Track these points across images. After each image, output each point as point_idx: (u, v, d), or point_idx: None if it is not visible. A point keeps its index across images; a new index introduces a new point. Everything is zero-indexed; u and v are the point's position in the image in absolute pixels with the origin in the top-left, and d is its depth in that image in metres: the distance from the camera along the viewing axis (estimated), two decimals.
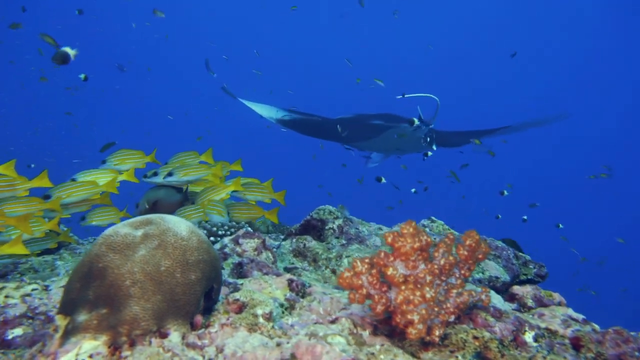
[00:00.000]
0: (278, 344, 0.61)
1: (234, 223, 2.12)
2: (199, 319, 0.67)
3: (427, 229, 2.35)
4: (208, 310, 0.74)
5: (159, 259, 0.65)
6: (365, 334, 0.66)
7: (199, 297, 0.67)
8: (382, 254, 0.68)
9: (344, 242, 2.27)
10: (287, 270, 1.48)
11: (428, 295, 0.60)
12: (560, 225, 3.42)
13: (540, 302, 0.97)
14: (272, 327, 0.66)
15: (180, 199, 2.18)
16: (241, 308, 0.69)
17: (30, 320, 0.89)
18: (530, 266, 1.89)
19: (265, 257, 1.34)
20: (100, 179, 1.99)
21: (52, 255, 2.16)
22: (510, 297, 1.00)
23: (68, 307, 0.64)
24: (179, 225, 0.70)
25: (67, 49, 1.88)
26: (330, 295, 0.89)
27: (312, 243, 1.80)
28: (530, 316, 0.84)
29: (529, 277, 1.82)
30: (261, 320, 0.65)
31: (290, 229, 2.41)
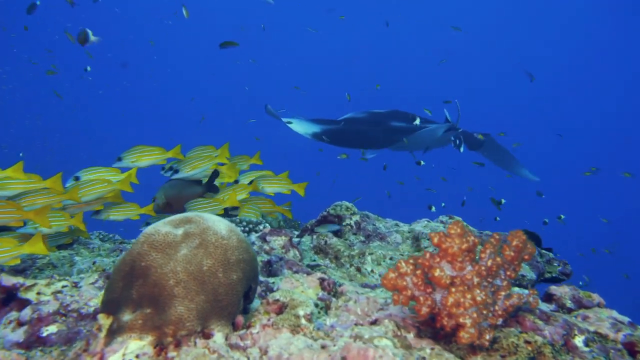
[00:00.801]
0: (323, 346, 0.61)
1: (252, 219, 2.13)
2: (240, 319, 0.68)
3: (445, 225, 2.33)
4: (245, 310, 0.75)
5: (201, 258, 0.65)
6: (410, 336, 0.66)
7: (240, 297, 0.67)
8: (428, 255, 0.67)
9: (362, 238, 2.27)
10: (311, 267, 1.48)
11: (479, 298, 0.59)
12: (562, 216, 3.42)
13: (580, 303, 0.95)
14: (314, 328, 0.66)
15: (201, 191, 2.19)
16: (281, 308, 0.69)
17: (64, 318, 0.91)
18: (555, 264, 1.86)
19: (293, 255, 1.34)
20: (105, 177, 1.99)
21: (67, 250, 2.20)
22: (547, 298, 0.99)
23: (111, 306, 0.65)
24: (219, 224, 0.71)
25: (91, 33, 1.96)
26: (364, 294, 0.89)
27: (333, 240, 1.80)
28: (573, 318, 0.83)
29: (554, 275, 1.80)
30: (303, 321, 0.65)
31: (305, 224, 2.42)
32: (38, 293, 0.95)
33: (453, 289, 0.60)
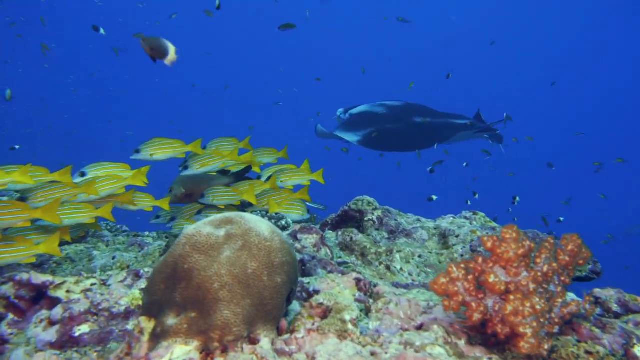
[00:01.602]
0: (373, 354, 0.61)
1: (272, 214, 2.13)
2: (284, 323, 0.67)
3: (470, 222, 2.31)
4: (285, 313, 0.74)
5: (245, 260, 0.64)
6: (461, 343, 0.64)
7: (285, 301, 0.67)
8: (480, 260, 0.65)
9: (385, 234, 2.26)
10: (339, 265, 1.47)
11: (538, 307, 0.58)
12: (561, 219, 3.43)
13: (626, 307, 0.93)
14: (360, 333, 0.65)
15: (227, 183, 2.18)
16: (325, 312, 0.69)
17: (95, 317, 0.91)
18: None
19: (325, 254, 1.33)
20: (115, 173, 1.98)
21: (83, 244, 2.22)
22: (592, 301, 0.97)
23: (153, 308, 0.65)
24: (260, 225, 0.70)
25: (170, 46, 1.54)
26: (403, 296, 0.88)
27: (359, 236, 1.79)
28: (624, 324, 0.81)
29: (584, 274, 1.77)
30: (350, 326, 0.65)
31: (325, 219, 2.41)
32: (67, 291, 0.96)
33: (511, 297, 0.58)
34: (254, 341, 0.61)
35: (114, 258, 2.00)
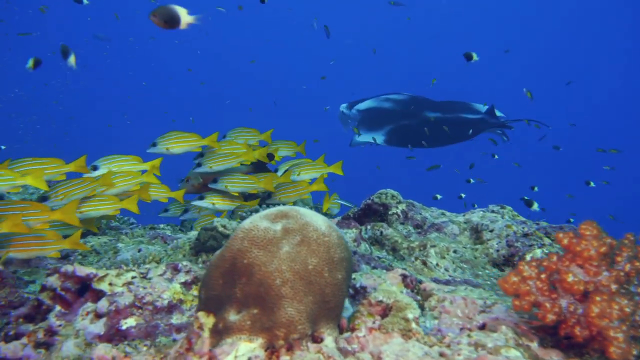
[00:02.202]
0: (442, 354, 0.59)
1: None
2: (343, 321, 0.66)
3: (499, 215, 2.26)
4: None
5: (305, 256, 0.63)
6: (534, 345, 0.62)
7: (345, 298, 0.65)
8: (555, 258, 0.62)
9: (410, 228, 2.23)
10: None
11: (628, 309, 0.55)
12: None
13: None
14: (425, 333, 0.64)
15: (246, 172, 2.18)
16: (385, 310, 0.67)
17: (140, 311, 0.92)
18: None
19: (364, 249, 1.32)
20: (124, 166, 1.97)
21: (107, 236, 2.25)
22: None
23: (211, 303, 0.64)
24: (317, 219, 0.68)
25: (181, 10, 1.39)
26: (453, 293, 0.85)
27: (388, 231, 1.77)
28: None
29: None
30: (414, 325, 0.63)
31: (347, 213, 2.39)
32: (110, 284, 0.96)
33: (597, 298, 0.56)
34: (317, 339, 0.60)
35: (139, 250, 2.02)
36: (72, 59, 1.84)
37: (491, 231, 1.87)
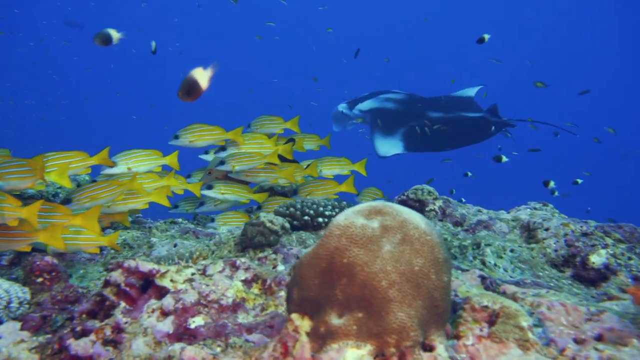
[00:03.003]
0: None
1: (315, 200, 2.08)
2: (448, 328, 0.62)
3: (541, 212, 2.18)
4: None
5: (409, 256, 0.59)
6: None
7: (451, 302, 0.61)
8: None
9: (449, 225, 2.16)
10: None
11: None
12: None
13: None
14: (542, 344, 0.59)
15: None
16: (490, 317, 0.62)
17: (206, 309, 0.90)
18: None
19: None
20: (144, 162, 1.95)
21: (137, 230, 2.25)
22: None
23: (306, 305, 0.61)
24: (414, 216, 0.64)
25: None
26: (549, 297, 0.80)
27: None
28: None
29: None
30: (530, 335, 0.58)
31: None
32: (172, 280, 0.95)
33: None
34: (429, 348, 0.56)
35: (175, 245, 2.02)
36: (114, 36, 1.88)
37: (546, 229, 1.79)
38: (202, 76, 1.38)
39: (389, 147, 3.90)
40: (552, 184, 3.30)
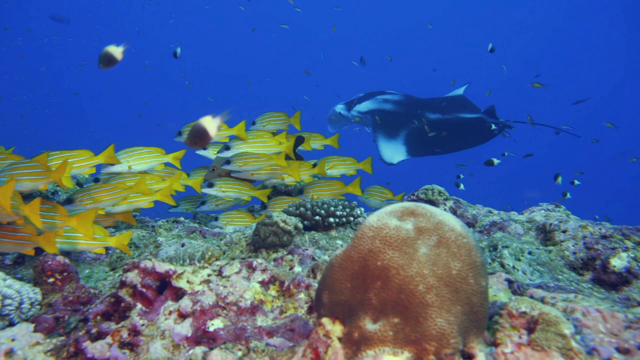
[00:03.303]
0: None
1: (342, 201, 2.05)
2: (486, 335, 0.59)
3: (556, 214, 2.15)
4: None
5: (446, 259, 0.56)
6: None
7: (489, 308, 0.59)
8: None
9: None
10: None
11: None
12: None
13: None
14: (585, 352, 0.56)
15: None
16: (529, 323, 0.60)
17: (225, 311, 0.87)
18: None
19: None
20: (146, 160, 1.93)
21: (143, 230, 2.23)
22: None
23: (337, 309, 0.58)
24: (449, 217, 0.62)
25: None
26: (578, 304, 0.77)
27: None
28: None
29: None
30: (574, 344, 0.56)
31: None
32: (188, 281, 0.93)
33: None
34: (467, 356, 0.54)
35: (183, 245, 2.00)
36: (117, 53, 1.79)
37: (564, 232, 1.77)
38: (211, 125, 1.40)
39: (395, 153, 3.91)
40: (560, 178, 3.28)
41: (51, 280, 1.18)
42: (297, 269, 1.06)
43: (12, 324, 0.99)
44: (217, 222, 2.14)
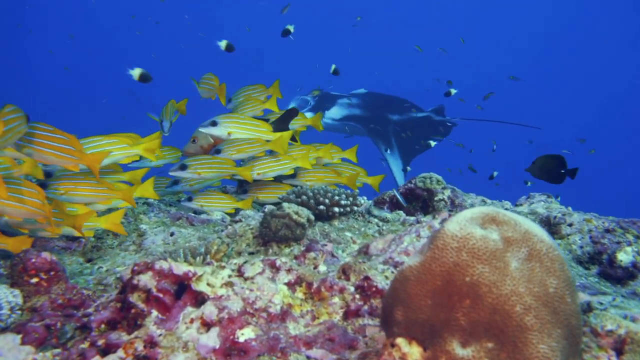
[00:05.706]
0: None
1: (342, 190, 1.99)
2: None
3: (547, 204, 2.17)
4: None
5: (541, 275, 0.51)
6: None
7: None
8: None
9: None
10: None
11: None
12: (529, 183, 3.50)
13: None
14: None
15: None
16: (616, 342, 0.56)
17: (254, 319, 0.79)
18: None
19: None
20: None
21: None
22: None
23: (415, 329, 0.52)
24: (535, 226, 0.56)
25: (138, 71, 1.87)
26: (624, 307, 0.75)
27: None
28: None
29: None
30: None
31: (381, 196, 2.27)
32: (209, 284, 0.84)
33: None
34: None
35: (172, 234, 1.89)
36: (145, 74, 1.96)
37: (570, 225, 1.78)
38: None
39: (401, 172, 4.00)
40: (495, 173, 3.41)
41: (34, 280, 1.05)
42: (322, 268, 1.00)
43: None
44: (192, 202, 1.96)
